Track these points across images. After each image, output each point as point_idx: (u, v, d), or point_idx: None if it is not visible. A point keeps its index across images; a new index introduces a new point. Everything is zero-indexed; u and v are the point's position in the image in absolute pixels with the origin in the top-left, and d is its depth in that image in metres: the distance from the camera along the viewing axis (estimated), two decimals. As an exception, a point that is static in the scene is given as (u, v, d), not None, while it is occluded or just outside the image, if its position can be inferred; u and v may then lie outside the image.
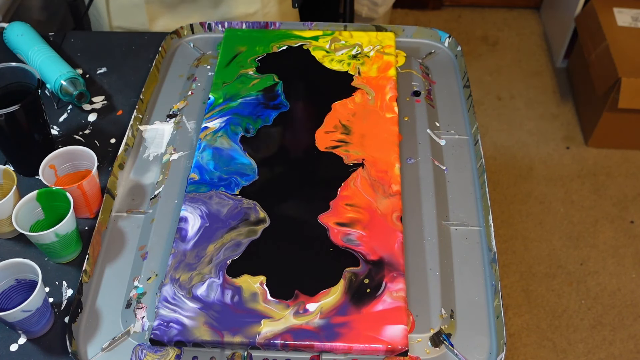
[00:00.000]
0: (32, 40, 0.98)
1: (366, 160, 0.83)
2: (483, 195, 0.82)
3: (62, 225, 0.72)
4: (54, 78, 0.93)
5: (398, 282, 0.71)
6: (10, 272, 0.69)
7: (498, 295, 0.71)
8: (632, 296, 1.56)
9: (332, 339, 0.66)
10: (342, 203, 0.78)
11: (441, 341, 0.69)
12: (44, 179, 0.77)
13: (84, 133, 0.93)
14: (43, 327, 0.71)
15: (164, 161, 0.87)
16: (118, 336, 0.69)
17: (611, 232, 1.69)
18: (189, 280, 0.71)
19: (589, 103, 1.90)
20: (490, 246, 0.76)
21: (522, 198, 1.77)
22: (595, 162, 1.86)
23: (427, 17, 2.32)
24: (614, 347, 1.48)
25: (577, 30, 1.95)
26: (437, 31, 1.03)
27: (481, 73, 2.12)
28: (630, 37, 1.79)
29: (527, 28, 2.29)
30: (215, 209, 0.78)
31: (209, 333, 0.67)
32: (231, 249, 0.74)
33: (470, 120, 0.91)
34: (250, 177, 0.81)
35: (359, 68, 0.95)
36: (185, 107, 0.94)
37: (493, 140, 1.92)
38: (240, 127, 0.87)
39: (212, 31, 1.06)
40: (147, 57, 1.04)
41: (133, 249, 0.77)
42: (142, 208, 0.82)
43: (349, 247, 0.74)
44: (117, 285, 0.74)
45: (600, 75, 1.77)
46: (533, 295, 1.56)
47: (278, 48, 0.99)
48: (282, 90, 0.93)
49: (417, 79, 0.97)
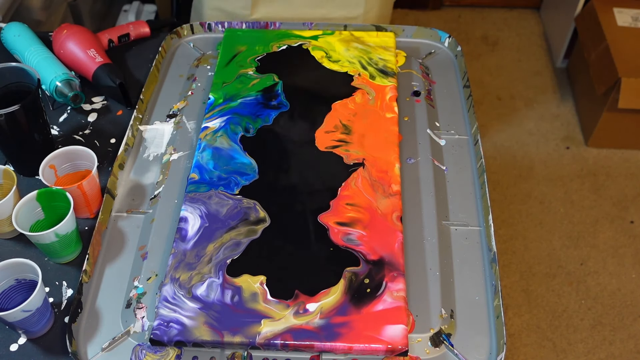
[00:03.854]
0: (29, 41, 0.98)
1: (366, 160, 0.83)
2: (483, 195, 0.82)
3: (62, 225, 0.72)
4: (49, 79, 0.93)
5: (398, 282, 0.71)
6: (10, 272, 0.69)
7: (498, 295, 0.71)
8: (632, 296, 1.56)
9: (332, 339, 0.66)
10: (343, 203, 0.78)
11: (441, 341, 0.69)
12: (44, 179, 0.77)
13: (84, 133, 0.93)
14: (43, 327, 0.71)
15: (164, 161, 0.87)
16: (118, 336, 0.69)
17: (611, 232, 1.69)
18: (188, 280, 0.71)
19: (589, 103, 1.90)
20: (490, 246, 0.76)
21: (522, 198, 1.77)
22: (595, 162, 1.86)
23: (427, 17, 2.32)
24: (614, 347, 1.48)
25: (577, 30, 1.95)
26: (437, 31, 1.03)
27: (481, 73, 2.12)
28: (630, 37, 1.79)
29: (527, 28, 2.29)
30: (215, 208, 0.78)
31: (209, 333, 0.67)
32: (231, 249, 0.74)
33: (470, 120, 0.91)
34: (250, 177, 0.81)
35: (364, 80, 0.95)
36: (185, 107, 0.94)
37: (493, 140, 1.92)
38: (240, 126, 0.87)
39: (212, 31, 1.06)
40: (147, 57, 1.04)
41: (133, 249, 0.77)
42: (142, 208, 0.82)
43: (349, 246, 0.74)
44: (117, 285, 0.74)
45: (600, 75, 1.77)
46: (533, 295, 1.56)
47: (278, 48, 0.99)
48: (282, 90, 0.93)
49: (417, 79, 0.97)
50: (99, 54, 0.97)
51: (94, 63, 0.95)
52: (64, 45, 0.97)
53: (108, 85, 0.94)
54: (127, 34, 1.05)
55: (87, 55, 0.96)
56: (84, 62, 0.96)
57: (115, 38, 1.04)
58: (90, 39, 0.99)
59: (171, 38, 1.04)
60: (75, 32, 0.99)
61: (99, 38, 1.02)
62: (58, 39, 0.98)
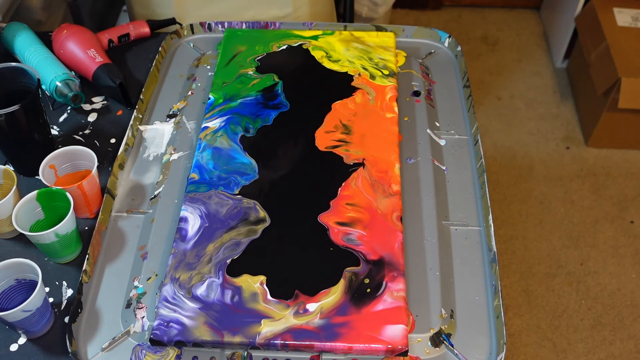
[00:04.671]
0: (29, 41, 0.98)
1: (366, 160, 0.83)
2: (483, 195, 0.82)
3: (62, 225, 0.72)
4: (49, 79, 0.93)
5: (398, 282, 0.71)
6: (10, 272, 0.69)
7: (498, 295, 0.71)
8: (632, 296, 1.56)
9: (332, 339, 0.66)
10: (343, 202, 0.78)
11: (441, 341, 0.69)
12: (44, 179, 0.77)
13: (84, 133, 0.93)
14: (43, 327, 0.71)
15: (164, 161, 0.87)
16: (118, 336, 0.69)
17: (611, 232, 1.69)
18: (188, 280, 0.71)
19: (589, 103, 1.90)
20: (490, 246, 0.76)
21: (522, 198, 1.77)
22: (595, 162, 1.86)
23: (427, 17, 2.32)
24: (614, 347, 1.48)
25: (577, 30, 1.95)
26: (437, 31, 1.03)
27: (481, 73, 2.12)
28: (630, 37, 1.79)
29: (527, 28, 2.29)
30: (215, 208, 0.78)
31: (209, 333, 0.67)
32: (231, 249, 0.74)
33: (470, 120, 0.91)
34: (250, 177, 0.81)
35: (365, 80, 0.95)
36: (185, 107, 0.94)
37: (493, 140, 1.92)
38: (240, 126, 0.87)
39: (212, 31, 1.06)
40: (147, 57, 1.04)
41: (133, 249, 0.77)
42: (142, 208, 0.82)
43: (349, 246, 0.74)
44: (117, 285, 0.74)
45: (600, 75, 1.77)
46: (533, 295, 1.56)
47: (278, 48, 0.99)
48: (282, 90, 0.93)
49: (417, 79, 0.97)
50: (99, 54, 0.97)
51: (94, 63, 0.95)
52: (64, 45, 0.98)
53: (108, 85, 0.94)
54: (127, 34, 1.05)
55: (87, 55, 0.96)
56: (84, 62, 0.96)
57: (115, 38, 1.04)
58: (90, 39, 0.99)
59: (171, 38, 1.04)
60: (75, 32, 0.99)
61: (99, 38, 1.02)
62: (58, 39, 0.99)
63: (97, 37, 1.01)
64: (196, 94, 0.96)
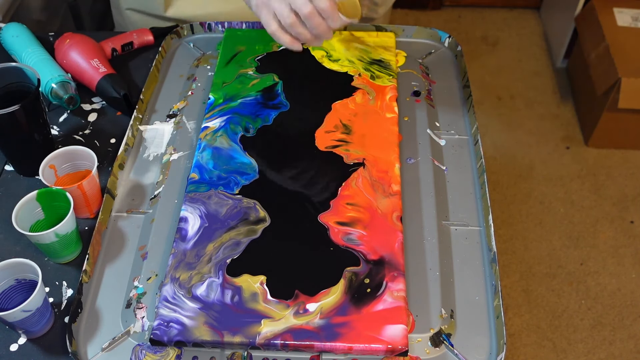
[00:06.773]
0: (26, 42, 0.98)
1: (366, 160, 0.83)
2: (483, 195, 0.82)
3: (62, 225, 0.72)
4: (45, 81, 0.92)
5: (398, 282, 0.71)
6: (10, 272, 0.69)
7: (498, 295, 0.71)
8: (632, 296, 1.56)
9: (332, 339, 0.66)
10: (343, 202, 0.78)
11: (441, 341, 0.69)
12: (44, 179, 0.77)
13: (84, 133, 0.93)
14: (43, 327, 0.71)
15: (164, 161, 0.87)
16: (118, 336, 0.69)
17: (611, 232, 1.69)
18: (188, 279, 0.71)
19: (589, 103, 1.90)
20: (490, 246, 0.76)
21: (522, 198, 1.77)
22: (595, 162, 1.86)
23: (427, 17, 2.32)
24: (614, 347, 1.48)
25: (577, 30, 1.95)
26: (437, 31, 1.03)
27: (481, 73, 2.12)
28: (630, 37, 1.79)
29: (527, 28, 2.29)
30: (215, 208, 0.78)
31: (209, 333, 0.67)
32: (231, 249, 0.74)
33: (470, 120, 0.91)
34: (250, 176, 0.81)
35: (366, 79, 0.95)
36: (185, 107, 0.94)
37: (493, 140, 1.92)
38: (240, 126, 0.87)
39: (212, 31, 1.06)
40: (147, 57, 1.04)
41: (133, 249, 0.77)
42: (142, 208, 0.82)
43: (350, 246, 0.74)
44: (117, 285, 0.74)
45: (600, 75, 1.77)
46: (533, 295, 1.57)
47: (278, 47, 0.99)
48: (282, 89, 0.93)
49: (417, 79, 0.97)
50: (103, 64, 0.96)
51: (98, 73, 0.94)
52: (67, 55, 0.96)
53: (112, 96, 0.93)
54: (130, 42, 1.04)
55: (90, 65, 0.95)
56: (88, 73, 0.95)
57: (118, 47, 1.03)
58: (94, 48, 0.98)
59: (171, 38, 1.04)
60: (78, 41, 0.97)
61: (102, 47, 1.01)
62: (61, 49, 0.97)
63: (100, 47, 1.00)
64: (196, 94, 0.96)
